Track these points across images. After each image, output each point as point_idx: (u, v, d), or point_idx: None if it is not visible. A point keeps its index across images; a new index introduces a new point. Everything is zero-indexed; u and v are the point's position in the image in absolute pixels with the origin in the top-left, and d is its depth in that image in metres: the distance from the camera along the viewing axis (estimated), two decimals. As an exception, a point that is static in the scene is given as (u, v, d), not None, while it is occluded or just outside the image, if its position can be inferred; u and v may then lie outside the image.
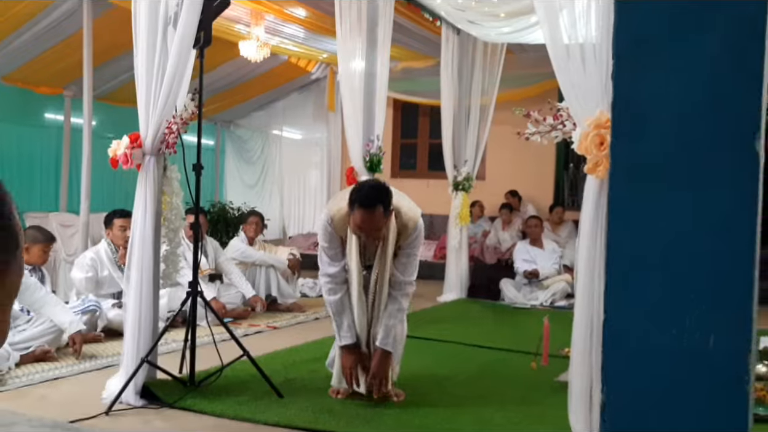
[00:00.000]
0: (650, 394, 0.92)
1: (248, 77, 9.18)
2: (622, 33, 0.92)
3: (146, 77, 3.40)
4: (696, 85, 0.88)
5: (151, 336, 3.54)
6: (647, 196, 0.91)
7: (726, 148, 0.87)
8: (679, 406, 0.91)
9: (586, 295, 2.54)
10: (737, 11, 0.86)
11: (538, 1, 2.60)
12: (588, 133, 2.46)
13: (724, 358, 0.88)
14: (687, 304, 0.90)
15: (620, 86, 0.93)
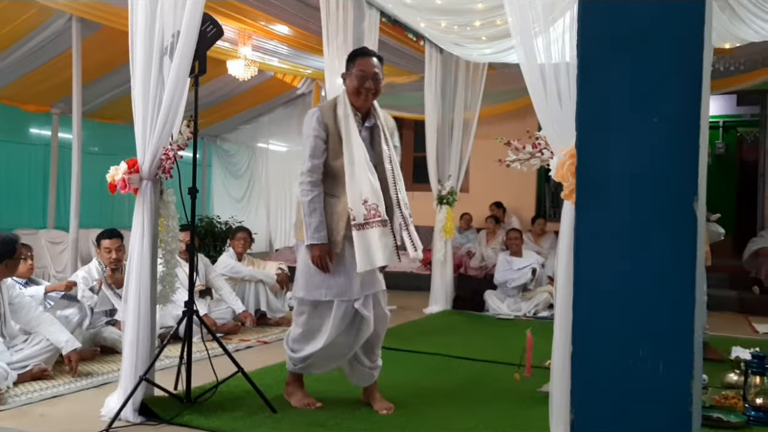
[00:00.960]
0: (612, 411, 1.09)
1: (235, 93, 9.33)
2: (585, 108, 1.08)
3: (143, 105, 3.53)
4: (646, 156, 1.05)
5: (149, 354, 3.66)
6: (606, 252, 1.08)
7: (670, 209, 1.03)
8: (635, 422, 1.07)
9: (565, 311, 2.70)
10: (681, 98, 1.02)
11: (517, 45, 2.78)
12: (564, 162, 2.63)
13: (672, 382, 1.04)
14: (640, 338, 1.06)
15: (582, 155, 1.09)
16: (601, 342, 1.10)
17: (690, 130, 1.01)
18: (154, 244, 3.64)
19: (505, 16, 5.34)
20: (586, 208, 1.11)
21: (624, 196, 1.07)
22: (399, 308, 7.51)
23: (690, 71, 1.00)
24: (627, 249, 1.08)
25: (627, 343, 1.07)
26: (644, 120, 1.05)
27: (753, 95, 9.93)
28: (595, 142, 1.09)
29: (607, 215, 1.09)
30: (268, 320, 6.35)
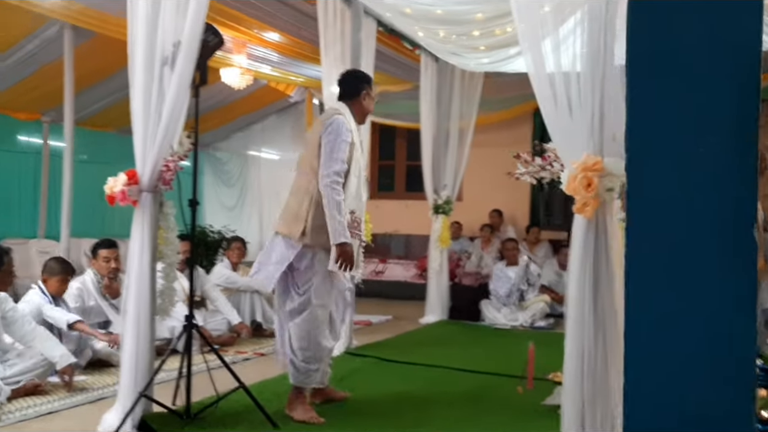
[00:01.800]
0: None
1: (228, 101, 9.26)
2: (635, 132, 1.05)
3: (143, 116, 3.47)
4: (702, 181, 1.01)
5: (148, 369, 3.59)
6: (661, 281, 1.04)
7: (729, 237, 1.00)
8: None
9: (577, 327, 2.67)
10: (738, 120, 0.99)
11: (526, 54, 2.75)
12: (576, 176, 2.60)
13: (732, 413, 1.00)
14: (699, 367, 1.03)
15: (634, 180, 1.06)
16: (655, 378, 1.06)
17: (747, 154, 0.98)
18: (153, 257, 3.58)
19: (505, 26, 5.36)
20: (639, 234, 1.07)
21: (679, 223, 1.04)
22: (395, 318, 7.46)
23: (746, 92, 0.97)
24: (682, 278, 1.04)
25: (683, 380, 1.03)
26: (699, 143, 1.02)
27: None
28: (648, 166, 1.06)
29: (661, 242, 1.05)
30: (264, 331, 6.27)
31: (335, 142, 3.60)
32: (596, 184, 2.55)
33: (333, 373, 4.88)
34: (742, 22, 0.97)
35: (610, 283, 2.62)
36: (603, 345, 2.62)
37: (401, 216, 10.00)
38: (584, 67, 2.61)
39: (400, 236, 10.36)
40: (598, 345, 2.62)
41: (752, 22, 0.96)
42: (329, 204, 3.55)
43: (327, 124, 3.69)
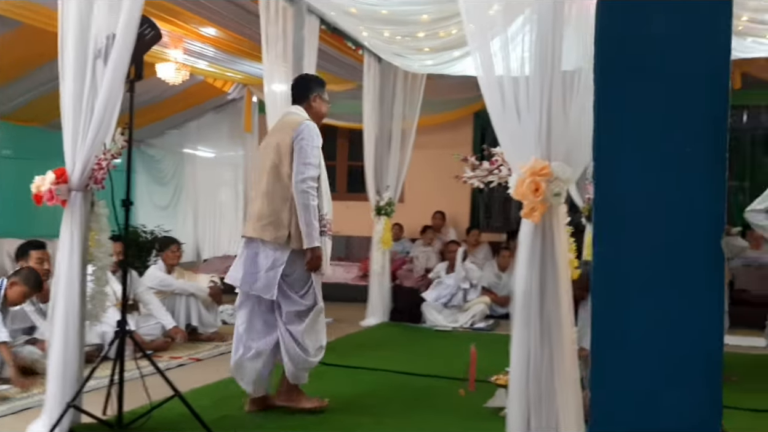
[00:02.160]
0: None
1: (163, 97, 8.96)
2: (603, 133, 1.01)
3: (74, 112, 3.30)
4: (671, 192, 0.99)
5: (76, 378, 3.40)
6: (627, 292, 1.01)
7: (697, 248, 0.97)
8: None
9: (523, 330, 2.66)
10: (705, 113, 0.96)
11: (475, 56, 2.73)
12: (524, 180, 2.59)
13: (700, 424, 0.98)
14: (665, 380, 1.00)
15: (602, 189, 1.02)
16: (623, 384, 1.03)
17: (717, 165, 0.96)
18: (83, 260, 3.40)
19: (450, 28, 5.35)
20: (606, 243, 1.04)
21: (646, 229, 1.01)
22: (335, 321, 7.36)
23: (717, 98, 0.95)
24: (649, 289, 1.01)
25: (650, 386, 1.00)
26: (668, 150, 0.99)
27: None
28: (616, 172, 1.02)
29: (628, 252, 1.02)
30: (200, 335, 6.08)
31: (308, 147, 3.70)
32: (544, 189, 2.54)
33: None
34: (712, 25, 0.95)
35: (555, 288, 2.62)
36: (549, 348, 2.62)
37: (342, 217, 9.85)
38: (532, 71, 2.60)
39: (341, 237, 10.25)
40: (544, 348, 2.62)
41: (722, 24, 0.94)
42: (305, 209, 3.66)
43: (299, 130, 3.75)
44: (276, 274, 3.71)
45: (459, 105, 9.00)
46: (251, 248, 3.83)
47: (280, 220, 3.71)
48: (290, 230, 3.70)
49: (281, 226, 3.71)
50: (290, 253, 3.73)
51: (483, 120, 10.40)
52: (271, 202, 3.75)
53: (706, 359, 0.98)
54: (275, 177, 3.77)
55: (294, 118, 3.89)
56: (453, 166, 10.27)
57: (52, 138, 3.32)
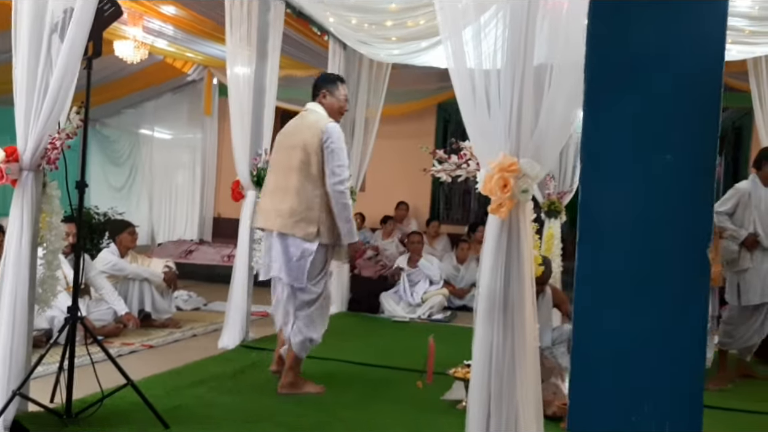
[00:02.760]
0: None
1: (119, 75, 8.72)
2: (590, 143, 0.99)
3: (27, 88, 3.15)
4: (656, 197, 0.97)
5: (23, 365, 3.28)
6: (609, 300, 0.99)
7: (681, 255, 0.96)
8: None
9: (486, 325, 2.65)
10: (694, 131, 0.95)
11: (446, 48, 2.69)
12: (492, 176, 2.57)
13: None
14: (645, 394, 0.99)
15: (586, 194, 1.00)
16: (601, 397, 1.01)
17: (704, 171, 0.94)
18: (34, 243, 3.26)
19: (418, 18, 5.31)
20: (588, 251, 1.01)
21: (630, 240, 0.99)
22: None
23: (707, 108, 0.93)
24: (632, 298, 1.00)
25: (630, 400, 0.99)
26: (655, 159, 0.98)
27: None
28: (601, 181, 1.00)
29: (611, 260, 1.00)
30: (153, 322, 5.94)
31: (338, 150, 4.01)
32: (512, 186, 2.53)
33: (228, 368, 4.70)
34: (705, 34, 0.93)
35: (520, 283, 2.62)
36: (511, 343, 2.61)
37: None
38: (504, 65, 2.58)
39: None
40: (507, 343, 2.62)
41: (716, 34, 0.93)
42: (344, 207, 4.02)
43: (327, 133, 4.00)
44: (306, 264, 4.02)
45: (423, 96, 8.99)
46: (281, 241, 4.07)
47: (311, 217, 3.99)
48: (319, 226, 4.00)
49: (312, 222, 3.99)
50: (318, 245, 4.02)
51: (446, 112, 10.42)
52: (302, 200, 3.99)
53: (688, 372, 0.97)
54: (305, 176, 4.00)
55: (316, 118, 4.12)
56: (415, 157, 10.23)
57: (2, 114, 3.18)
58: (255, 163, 5.44)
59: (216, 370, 4.60)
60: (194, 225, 10.46)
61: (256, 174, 5.42)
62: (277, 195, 4.09)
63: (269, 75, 5.53)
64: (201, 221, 10.46)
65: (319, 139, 3.97)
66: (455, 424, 3.65)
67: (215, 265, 9.09)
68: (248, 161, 5.41)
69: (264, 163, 5.47)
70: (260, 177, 5.44)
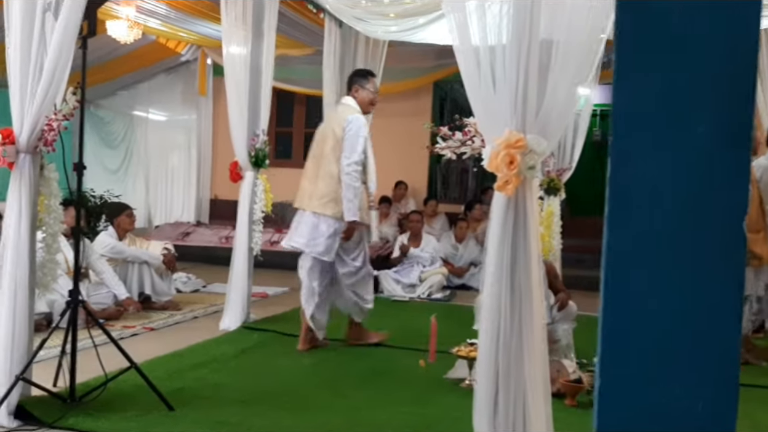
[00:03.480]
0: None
1: (112, 56, 8.60)
2: (621, 112, 0.96)
3: (21, 69, 3.09)
4: (692, 169, 0.94)
5: (26, 350, 3.25)
6: (641, 277, 0.96)
7: (717, 229, 0.93)
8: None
9: (493, 302, 2.63)
10: (728, 102, 0.92)
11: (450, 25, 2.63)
12: (498, 152, 2.54)
13: (712, 424, 0.95)
14: (677, 373, 0.96)
15: (618, 166, 0.97)
16: (632, 377, 0.99)
17: (740, 142, 0.92)
18: (33, 226, 3.22)
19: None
20: (619, 225, 0.98)
21: (664, 214, 0.96)
22: (291, 290, 7.28)
23: (742, 75, 0.90)
24: (664, 274, 0.97)
25: (662, 379, 0.97)
26: (690, 128, 0.94)
27: (629, 86, 10.42)
28: (634, 152, 0.97)
29: (644, 234, 0.97)
30: (153, 304, 5.91)
31: (354, 137, 4.46)
32: (518, 162, 2.49)
33: (230, 349, 4.69)
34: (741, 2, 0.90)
35: (527, 261, 2.59)
36: (519, 321, 2.60)
37: (297, 185, 9.74)
38: (510, 40, 2.53)
39: (297, 206, 10.13)
40: (514, 321, 2.60)
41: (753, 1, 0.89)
42: (348, 188, 4.44)
43: (348, 121, 4.50)
44: (335, 241, 4.52)
45: (419, 74, 8.91)
46: (314, 219, 4.57)
47: (338, 197, 4.47)
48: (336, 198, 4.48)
49: (340, 202, 4.47)
50: (348, 224, 4.50)
51: (442, 90, 10.34)
52: (331, 183, 4.49)
53: (723, 349, 0.95)
54: (335, 160, 4.50)
55: (345, 110, 4.66)
56: (412, 136, 10.23)
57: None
58: (253, 143, 5.38)
59: (218, 352, 4.59)
60: (191, 207, 10.40)
61: (254, 154, 5.37)
62: (311, 179, 4.61)
63: (265, 54, 5.45)
64: (198, 203, 10.40)
65: (342, 128, 4.48)
66: (459, 402, 3.66)
67: (213, 247, 9.06)
68: (246, 142, 5.36)
69: (262, 143, 5.42)
70: (258, 157, 5.40)
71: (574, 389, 3.74)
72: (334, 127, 4.55)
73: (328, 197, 4.50)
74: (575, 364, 4.03)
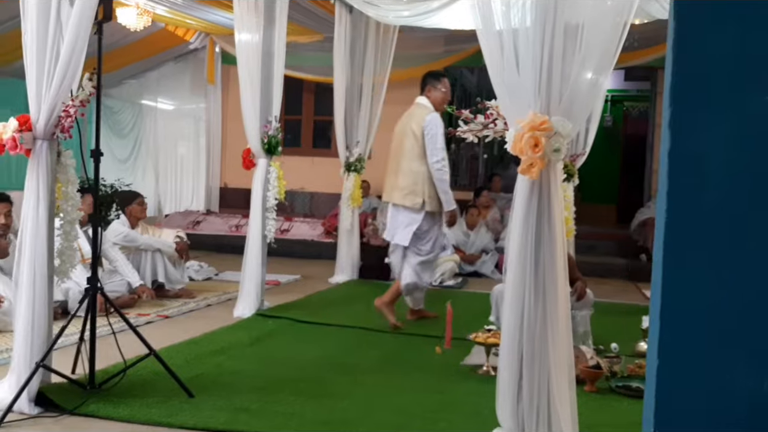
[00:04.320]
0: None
1: (120, 43, 8.55)
2: (679, 82, 0.93)
3: (38, 55, 3.07)
4: (757, 142, 0.91)
5: (45, 337, 3.25)
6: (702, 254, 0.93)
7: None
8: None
9: (517, 288, 2.60)
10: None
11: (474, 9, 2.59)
12: (522, 135, 2.50)
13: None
14: (740, 352, 0.94)
15: (677, 142, 0.94)
16: (692, 355, 0.96)
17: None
18: (50, 214, 3.21)
19: (430, -22, 5.17)
20: (680, 203, 0.95)
21: (727, 189, 0.93)
22: (303, 278, 7.29)
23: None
24: (728, 250, 0.94)
25: (724, 356, 0.94)
26: (753, 100, 0.91)
27: (640, 71, 10.36)
28: (696, 124, 0.94)
29: (707, 211, 0.94)
30: (167, 292, 5.91)
31: (437, 135, 4.93)
32: (543, 145, 2.46)
33: (246, 336, 4.69)
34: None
35: (551, 245, 2.57)
36: (543, 307, 2.57)
37: (307, 173, 9.73)
38: (534, 22, 2.49)
39: (306, 194, 10.11)
40: (538, 307, 2.58)
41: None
42: (442, 182, 4.95)
43: (426, 121, 4.96)
44: (410, 231, 5.02)
45: (429, 60, 8.83)
46: (395, 210, 5.13)
47: (416, 190, 4.96)
48: (423, 197, 4.95)
49: (417, 193, 4.96)
50: (425, 213, 5.00)
51: (452, 76, 10.26)
52: (406, 176, 5.00)
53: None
54: (412, 157, 4.98)
55: (421, 110, 5.08)
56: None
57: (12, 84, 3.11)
58: (265, 130, 5.35)
59: (234, 339, 4.59)
60: (201, 195, 10.40)
61: (267, 141, 5.35)
62: (394, 174, 5.11)
63: (277, 41, 5.41)
64: (207, 191, 10.40)
65: (421, 127, 4.95)
66: (477, 388, 3.66)
67: (223, 235, 9.06)
68: (259, 129, 5.33)
69: (275, 130, 5.39)
70: (271, 144, 5.37)
71: (593, 375, 3.72)
72: (413, 127, 5.01)
73: (407, 190, 5.01)
74: (593, 351, 4.01)
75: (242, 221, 8.88)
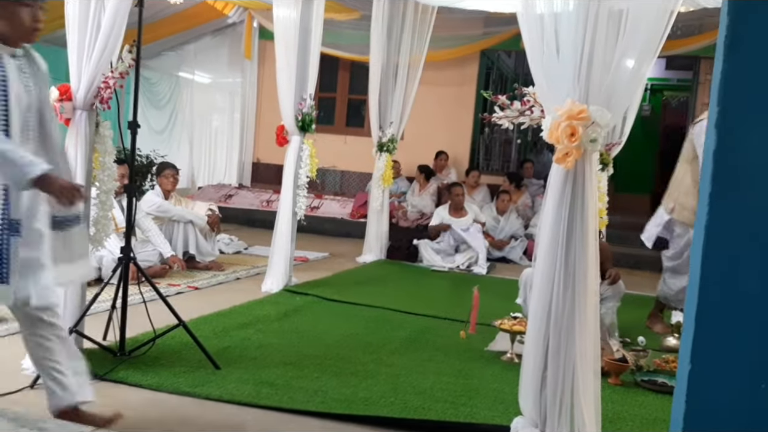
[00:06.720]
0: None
1: (159, 16, 8.62)
2: (729, 83, 0.90)
3: (79, 27, 3.11)
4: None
5: (78, 303, 3.33)
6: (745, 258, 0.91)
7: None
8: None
9: (546, 278, 2.58)
10: None
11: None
12: (559, 123, 2.47)
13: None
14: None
15: (724, 143, 0.91)
16: (726, 363, 0.95)
17: None
18: (87, 182, 3.26)
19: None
20: (725, 207, 0.93)
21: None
22: (331, 255, 7.34)
23: None
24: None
25: (760, 366, 0.92)
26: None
27: (682, 60, 10.12)
28: (745, 125, 0.91)
29: (752, 214, 0.92)
30: (197, 264, 6.01)
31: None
32: (580, 134, 2.42)
33: (273, 311, 4.74)
34: None
35: (583, 236, 2.54)
36: (572, 297, 2.55)
37: (339, 151, 9.75)
38: (577, 6, 2.44)
39: (336, 172, 10.13)
40: (567, 298, 2.55)
41: None
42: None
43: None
44: (656, 231, 4.94)
45: (466, 42, 8.76)
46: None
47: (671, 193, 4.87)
48: (674, 203, 4.78)
49: (670, 197, 4.84)
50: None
51: (489, 59, 10.15)
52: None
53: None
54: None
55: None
56: (456, 105, 10.14)
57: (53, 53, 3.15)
58: (300, 108, 5.36)
59: (262, 313, 4.65)
60: (233, 169, 10.50)
61: (301, 119, 5.36)
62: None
63: (315, 17, 5.40)
64: (240, 166, 10.49)
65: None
66: (501, 375, 3.66)
67: (254, 210, 9.15)
68: (294, 106, 5.34)
69: (309, 108, 5.40)
70: (305, 122, 5.38)
71: (618, 368, 3.69)
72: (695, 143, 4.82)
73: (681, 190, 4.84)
74: (619, 343, 3.98)
75: (273, 197, 8.95)
